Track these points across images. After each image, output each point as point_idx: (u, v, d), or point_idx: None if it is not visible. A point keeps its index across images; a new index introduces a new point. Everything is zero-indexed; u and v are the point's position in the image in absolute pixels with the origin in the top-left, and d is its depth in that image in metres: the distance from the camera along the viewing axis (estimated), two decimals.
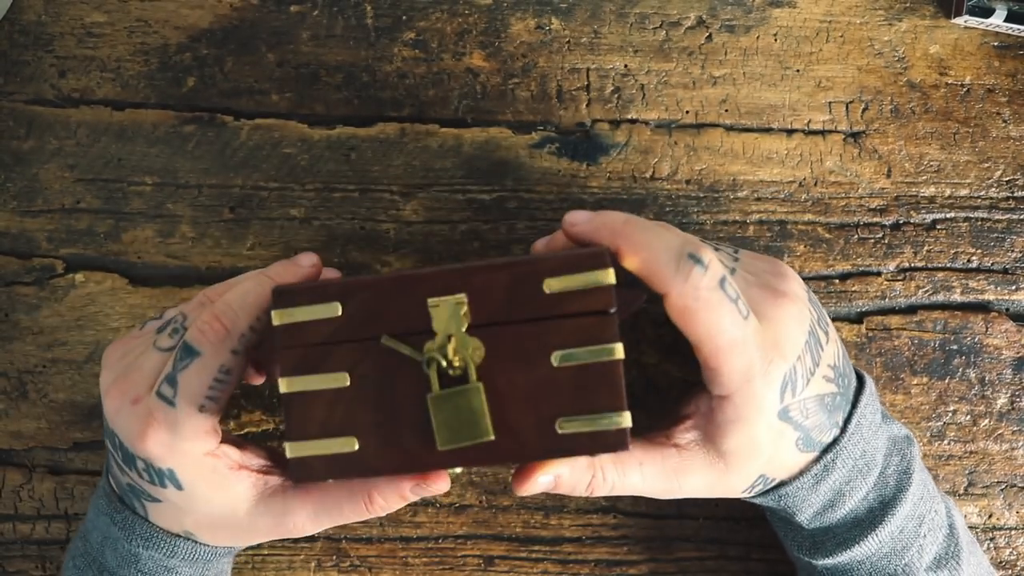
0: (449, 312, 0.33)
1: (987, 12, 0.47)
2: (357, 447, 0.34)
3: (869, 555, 0.39)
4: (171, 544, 0.39)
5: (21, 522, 0.47)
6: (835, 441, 0.39)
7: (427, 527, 0.47)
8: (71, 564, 0.41)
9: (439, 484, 0.36)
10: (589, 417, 0.33)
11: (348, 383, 0.34)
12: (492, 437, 0.33)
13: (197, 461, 0.37)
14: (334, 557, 0.47)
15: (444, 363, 0.33)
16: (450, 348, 0.33)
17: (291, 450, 0.34)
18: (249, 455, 0.39)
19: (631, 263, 0.35)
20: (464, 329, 0.33)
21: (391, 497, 0.37)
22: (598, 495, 0.38)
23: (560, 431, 0.33)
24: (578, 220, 0.37)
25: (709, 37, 0.48)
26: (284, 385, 0.34)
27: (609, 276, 0.33)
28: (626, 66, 0.48)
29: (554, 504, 0.47)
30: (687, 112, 0.48)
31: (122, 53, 0.48)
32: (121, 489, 0.39)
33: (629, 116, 0.48)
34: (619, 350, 0.33)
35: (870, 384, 0.40)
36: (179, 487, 0.37)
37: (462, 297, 0.34)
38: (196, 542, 0.39)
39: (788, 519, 0.41)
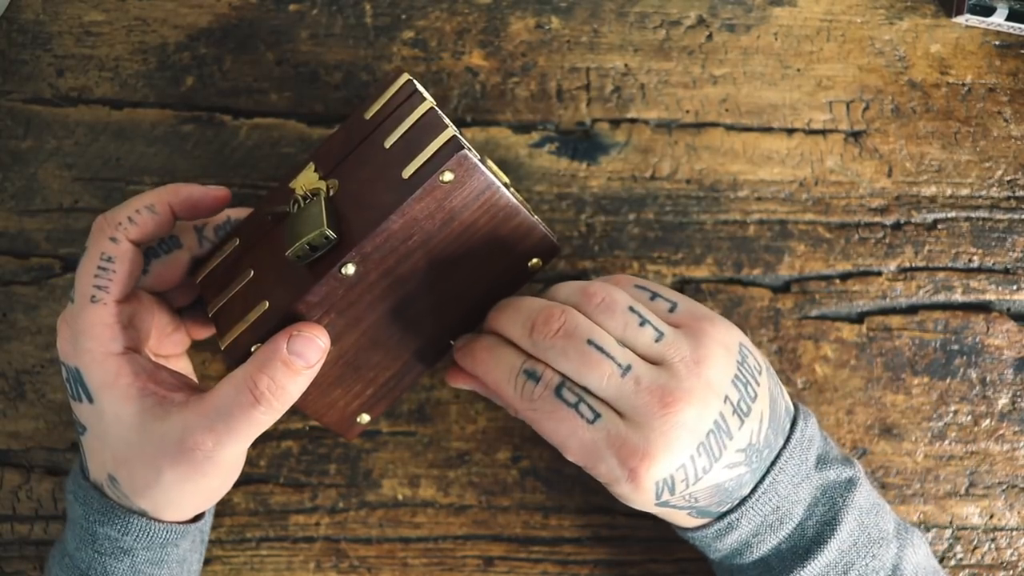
0: (304, 177, 0.39)
1: (988, 11, 0.46)
2: (268, 305, 0.37)
3: None
4: (124, 520, 0.38)
5: (19, 523, 0.47)
6: (743, 501, 0.38)
7: (426, 528, 0.47)
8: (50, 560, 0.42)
9: (316, 331, 0.36)
10: (422, 153, 0.36)
11: (253, 273, 0.38)
12: (326, 228, 0.36)
13: (99, 362, 0.37)
14: (333, 558, 0.47)
15: (301, 198, 0.38)
16: (299, 186, 0.39)
17: (223, 343, 0.38)
18: (163, 373, 0.39)
19: (489, 392, 0.41)
20: (317, 178, 0.39)
21: (272, 366, 0.35)
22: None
23: (405, 176, 0.36)
24: (458, 357, 0.41)
25: (709, 36, 0.48)
26: (210, 310, 0.39)
27: (403, 78, 0.39)
28: (626, 65, 0.48)
29: (554, 505, 0.47)
30: (687, 111, 0.48)
31: (120, 52, 0.48)
32: (76, 438, 0.40)
33: (629, 115, 0.48)
34: (428, 100, 0.37)
35: (801, 431, 0.39)
36: (90, 399, 0.37)
37: (310, 165, 0.40)
38: (148, 518, 0.38)
39: (702, 550, 0.41)
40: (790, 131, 0.48)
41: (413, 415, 0.47)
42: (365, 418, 0.43)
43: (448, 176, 0.35)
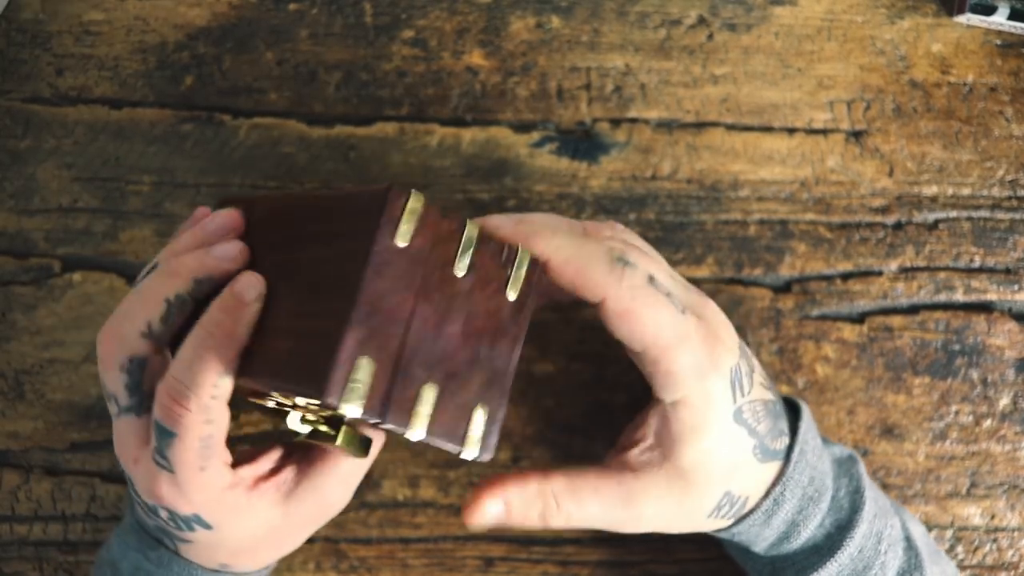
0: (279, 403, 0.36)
1: (989, 10, 0.46)
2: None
3: None
4: None
5: (18, 523, 0.47)
6: (781, 472, 0.38)
7: (426, 528, 0.47)
8: None
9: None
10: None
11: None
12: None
13: (217, 500, 0.36)
14: (333, 558, 0.47)
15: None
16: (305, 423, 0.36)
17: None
18: (261, 462, 0.38)
19: (563, 275, 0.35)
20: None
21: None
22: (555, 526, 0.37)
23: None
24: (502, 224, 0.36)
25: (710, 36, 0.48)
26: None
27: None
28: (627, 65, 0.48)
29: None
30: (688, 111, 0.48)
31: (120, 51, 0.48)
32: (148, 528, 0.38)
33: (630, 115, 0.48)
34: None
35: (806, 409, 0.40)
36: (207, 527, 0.36)
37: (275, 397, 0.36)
38: (235, 574, 0.39)
39: (745, 550, 0.41)
40: (791, 131, 0.48)
41: None
42: None
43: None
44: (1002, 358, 0.47)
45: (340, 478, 0.38)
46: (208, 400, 0.34)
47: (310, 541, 0.47)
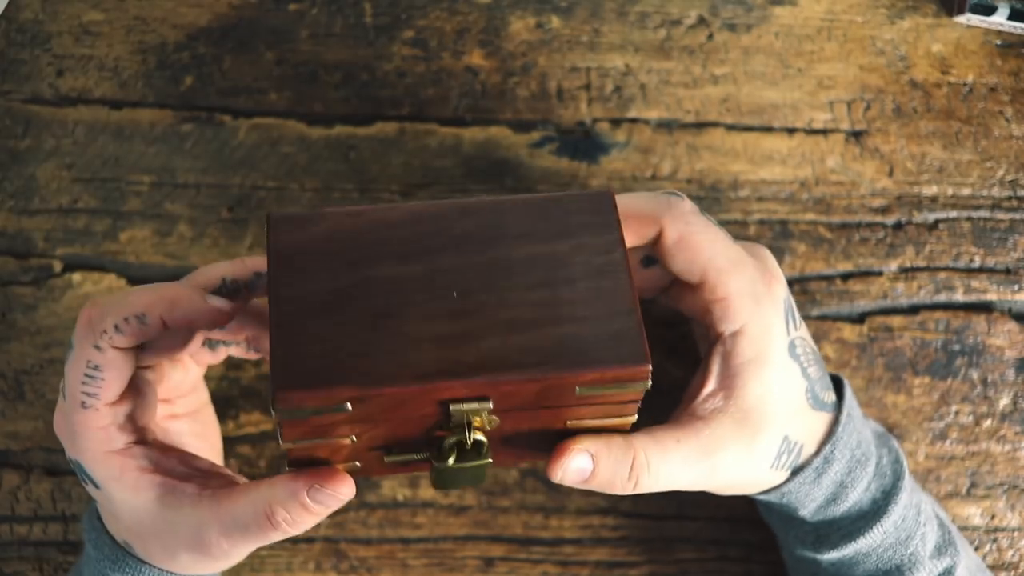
0: (472, 411, 0.32)
1: (989, 10, 0.46)
2: (359, 467, 0.35)
3: (875, 546, 0.39)
4: (135, 569, 0.38)
5: (18, 523, 0.47)
6: (831, 430, 0.39)
7: (426, 528, 0.47)
8: None
9: (341, 487, 0.34)
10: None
11: (351, 441, 0.33)
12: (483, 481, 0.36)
13: (101, 459, 0.36)
14: (333, 558, 0.47)
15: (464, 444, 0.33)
16: (468, 438, 0.33)
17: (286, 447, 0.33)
18: (170, 460, 0.37)
19: (621, 215, 0.35)
20: (487, 426, 0.33)
21: (292, 507, 0.34)
22: (642, 489, 0.35)
23: (569, 425, 0.34)
24: None
25: (710, 36, 0.48)
26: (285, 445, 0.33)
27: (645, 387, 0.32)
28: (627, 65, 0.48)
29: (554, 505, 0.47)
30: (688, 111, 0.48)
31: (120, 52, 0.48)
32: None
33: (630, 115, 0.48)
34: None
35: (846, 381, 0.41)
36: (96, 485, 0.36)
37: (487, 404, 0.32)
38: (162, 570, 0.38)
39: (790, 515, 0.41)
40: (791, 131, 0.48)
41: None
42: None
43: None
44: (1002, 358, 0.47)
45: (221, 526, 0.35)
46: (109, 325, 0.34)
47: (310, 541, 0.47)
